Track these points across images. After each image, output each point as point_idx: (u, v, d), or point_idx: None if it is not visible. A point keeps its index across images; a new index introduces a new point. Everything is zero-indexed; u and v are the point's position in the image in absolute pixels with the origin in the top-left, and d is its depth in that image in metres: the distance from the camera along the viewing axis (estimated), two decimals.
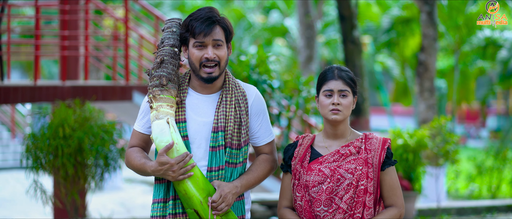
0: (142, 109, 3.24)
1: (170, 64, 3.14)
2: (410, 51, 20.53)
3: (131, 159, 3.18)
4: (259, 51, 7.32)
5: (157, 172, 3.05)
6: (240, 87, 3.24)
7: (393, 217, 3.09)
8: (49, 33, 12.80)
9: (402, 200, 3.12)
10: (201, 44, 3.12)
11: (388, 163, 3.12)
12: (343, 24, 10.34)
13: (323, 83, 3.14)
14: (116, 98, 8.55)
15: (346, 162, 3.10)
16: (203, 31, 3.11)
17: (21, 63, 22.93)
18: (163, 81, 3.11)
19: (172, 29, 3.19)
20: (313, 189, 3.10)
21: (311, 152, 3.17)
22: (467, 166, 13.91)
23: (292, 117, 7.57)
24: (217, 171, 3.12)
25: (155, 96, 3.11)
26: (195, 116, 3.17)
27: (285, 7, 24.23)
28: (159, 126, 3.06)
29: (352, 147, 3.12)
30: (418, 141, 8.33)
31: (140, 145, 3.24)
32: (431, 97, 11.28)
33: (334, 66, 3.19)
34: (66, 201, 6.19)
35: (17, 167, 14.47)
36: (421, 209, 9.13)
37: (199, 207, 3.05)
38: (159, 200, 3.16)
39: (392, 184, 3.12)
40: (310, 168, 3.13)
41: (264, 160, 3.26)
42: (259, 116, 3.26)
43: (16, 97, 7.73)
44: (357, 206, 3.05)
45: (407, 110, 27.25)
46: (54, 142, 5.94)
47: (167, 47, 3.15)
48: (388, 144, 3.13)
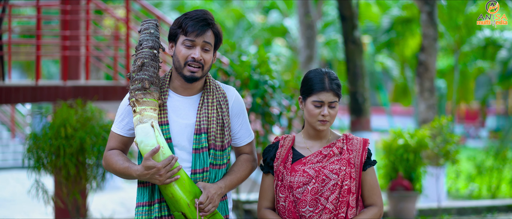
0: (121, 111, 3.21)
1: (151, 66, 3.10)
2: (410, 51, 20.54)
3: (111, 162, 3.14)
4: (260, 51, 7.33)
5: (143, 176, 3.02)
6: (220, 88, 3.25)
7: (375, 216, 3.17)
8: (49, 33, 12.79)
9: (381, 199, 3.21)
10: (190, 43, 3.11)
11: (369, 163, 3.20)
12: (344, 24, 10.34)
13: (313, 92, 3.15)
14: (117, 98, 8.55)
15: (330, 163, 3.14)
16: (196, 30, 3.10)
17: (21, 63, 22.92)
18: (145, 84, 3.07)
19: (150, 30, 3.16)
20: (298, 190, 3.13)
21: (293, 153, 3.21)
22: (467, 166, 13.92)
23: (293, 117, 7.59)
24: (201, 173, 3.12)
25: (138, 99, 3.07)
26: (177, 118, 3.15)
27: (285, 7, 24.23)
28: (144, 130, 3.02)
29: (334, 148, 3.17)
30: (419, 141, 8.35)
31: (119, 148, 3.20)
32: (431, 97, 11.29)
33: (322, 71, 3.19)
34: (67, 201, 6.20)
35: (17, 167, 14.48)
36: (421, 209, 9.14)
37: (186, 210, 3.04)
38: (144, 204, 3.14)
39: (372, 184, 3.20)
40: (294, 169, 3.16)
41: (245, 160, 3.28)
42: (239, 117, 3.27)
43: (18, 97, 7.73)
44: (341, 206, 3.10)
45: (406, 110, 27.27)
46: (56, 142, 5.95)
47: (146, 49, 3.11)
48: (368, 144, 3.20)
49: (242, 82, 7.00)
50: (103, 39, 14.72)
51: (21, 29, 16.61)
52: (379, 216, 3.18)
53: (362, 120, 10.25)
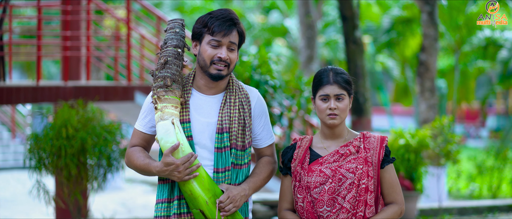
0: (144, 108, 3.24)
1: (174, 65, 3.13)
2: (410, 51, 20.54)
3: (133, 159, 3.17)
4: (260, 52, 7.32)
5: (163, 173, 3.05)
6: (243, 89, 3.27)
7: (394, 214, 3.13)
8: (50, 33, 12.80)
9: (402, 197, 3.17)
10: (217, 43, 3.13)
11: (387, 160, 3.16)
12: (344, 24, 10.34)
13: (319, 87, 3.15)
14: (118, 98, 8.56)
15: (346, 162, 3.12)
16: (223, 30, 3.12)
17: (21, 64, 22.93)
18: (167, 82, 3.10)
19: (175, 29, 3.19)
20: (315, 190, 3.12)
21: (310, 154, 3.20)
22: (468, 166, 13.92)
23: (294, 117, 7.59)
24: (223, 172, 3.14)
25: (160, 96, 3.10)
26: (198, 117, 3.17)
27: (285, 7, 24.23)
28: (164, 127, 3.06)
29: (351, 147, 3.14)
30: (420, 141, 8.34)
31: (141, 145, 3.23)
32: (432, 97, 11.29)
33: (328, 68, 3.20)
34: (68, 202, 6.20)
35: (17, 167, 14.49)
36: (422, 209, 9.14)
37: (205, 208, 3.06)
38: (163, 200, 3.16)
39: (392, 182, 3.16)
40: (311, 169, 3.15)
41: (267, 162, 3.29)
42: (261, 118, 3.29)
43: (19, 97, 7.73)
44: (359, 205, 3.08)
45: (407, 110, 27.27)
46: (57, 143, 5.94)
47: (170, 48, 3.15)
48: (386, 142, 3.16)
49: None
50: (104, 40, 14.73)
51: (22, 29, 16.61)
52: (399, 214, 3.13)
53: (363, 120, 10.25)
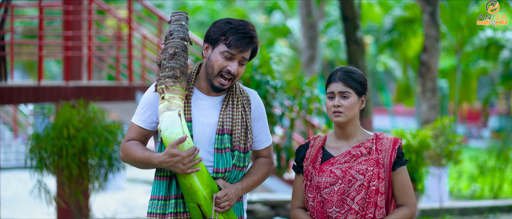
0: (144, 103, 3.18)
1: (182, 57, 3.10)
2: (412, 51, 20.52)
3: (130, 152, 3.11)
4: (262, 52, 7.32)
5: (165, 164, 2.99)
6: (244, 92, 3.26)
7: (405, 216, 3.11)
8: (52, 33, 12.81)
9: (414, 199, 3.14)
10: (230, 56, 3.10)
11: (399, 163, 3.13)
12: (346, 24, 10.33)
13: (327, 86, 3.17)
14: (119, 98, 8.57)
15: (357, 163, 3.11)
16: (240, 47, 3.09)
17: (23, 64, 22.95)
18: (177, 72, 3.07)
19: (181, 22, 3.15)
20: (325, 190, 3.12)
21: (322, 153, 3.19)
22: (469, 166, 13.91)
23: (295, 118, 7.58)
24: (223, 173, 3.13)
25: (168, 86, 3.05)
26: (199, 117, 3.16)
27: (287, 8, 24.23)
28: (171, 117, 3.01)
29: (363, 148, 3.13)
30: (421, 142, 8.33)
31: (139, 140, 3.17)
32: (433, 98, 11.29)
33: (339, 67, 3.20)
34: (70, 201, 6.21)
35: (19, 167, 14.50)
36: (423, 209, 9.14)
37: (202, 202, 3.05)
38: (160, 198, 3.12)
39: (404, 184, 3.13)
40: (322, 169, 3.14)
41: (263, 164, 3.29)
42: (260, 120, 3.29)
43: (20, 97, 7.74)
44: (368, 207, 3.07)
45: (409, 110, 27.25)
46: (58, 143, 5.95)
47: (177, 40, 3.10)
48: (399, 144, 3.14)
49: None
50: (105, 40, 14.74)
51: (24, 29, 16.63)
52: (410, 217, 3.11)
53: (364, 120, 10.24)
